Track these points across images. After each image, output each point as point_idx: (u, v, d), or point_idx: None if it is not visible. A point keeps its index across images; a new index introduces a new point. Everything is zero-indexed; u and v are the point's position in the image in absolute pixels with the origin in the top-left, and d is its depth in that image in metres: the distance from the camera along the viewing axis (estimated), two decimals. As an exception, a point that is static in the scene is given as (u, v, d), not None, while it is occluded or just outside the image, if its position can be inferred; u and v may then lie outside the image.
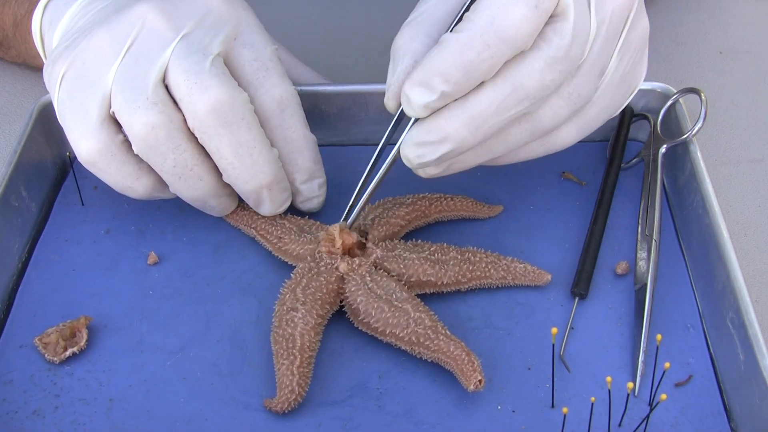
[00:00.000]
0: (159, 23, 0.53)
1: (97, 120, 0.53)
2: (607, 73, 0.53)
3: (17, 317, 0.56)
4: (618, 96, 0.55)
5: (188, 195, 0.56)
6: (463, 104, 0.49)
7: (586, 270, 0.57)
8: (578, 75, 0.51)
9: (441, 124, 0.49)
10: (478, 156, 0.52)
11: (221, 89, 0.52)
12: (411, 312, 0.52)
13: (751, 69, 0.77)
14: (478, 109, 0.49)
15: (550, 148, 0.55)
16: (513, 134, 0.52)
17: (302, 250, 0.57)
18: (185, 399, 0.52)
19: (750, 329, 0.50)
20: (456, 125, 0.49)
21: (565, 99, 0.51)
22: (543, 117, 0.51)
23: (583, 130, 0.55)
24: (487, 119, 0.49)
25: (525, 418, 0.51)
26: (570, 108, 0.52)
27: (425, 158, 0.50)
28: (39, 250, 0.60)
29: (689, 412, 0.51)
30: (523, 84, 0.48)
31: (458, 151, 0.50)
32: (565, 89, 0.51)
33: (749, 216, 0.64)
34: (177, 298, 0.57)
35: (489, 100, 0.48)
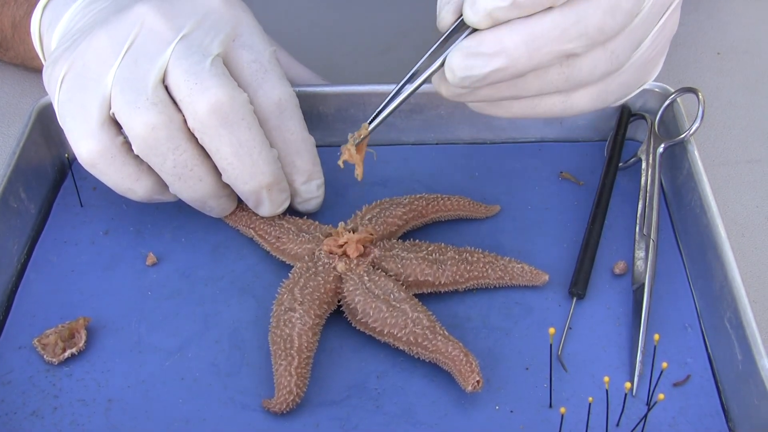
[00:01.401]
0: (158, 24, 0.53)
1: (97, 121, 0.53)
2: (639, 49, 0.52)
3: (16, 318, 0.56)
4: (636, 78, 0.55)
5: (188, 196, 0.56)
6: (528, 21, 0.47)
7: (584, 270, 0.57)
8: (625, 33, 0.50)
9: (501, 36, 0.47)
10: (510, 87, 0.50)
11: (221, 89, 0.52)
12: (409, 312, 0.52)
13: (749, 69, 0.77)
14: (542, 29, 0.47)
15: (567, 108, 0.53)
16: (551, 75, 0.50)
17: (300, 250, 0.57)
18: (184, 399, 0.52)
19: (748, 329, 0.50)
20: (516, 40, 0.47)
21: (606, 54, 0.50)
22: (583, 65, 0.50)
23: (600, 99, 0.54)
24: (547, 43, 0.48)
25: (523, 418, 0.51)
26: (607, 65, 0.51)
27: (473, 71, 0.48)
28: (38, 251, 0.60)
29: (687, 412, 0.51)
30: (587, 18, 0.47)
31: (509, 71, 0.48)
32: (609, 45, 0.50)
33: (747, 216, 0.64)
34: (175, 299, 0.57)
35: (554, 24, 0.47)
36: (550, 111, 0.53)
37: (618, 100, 0.56)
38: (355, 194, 0.62)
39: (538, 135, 0.67)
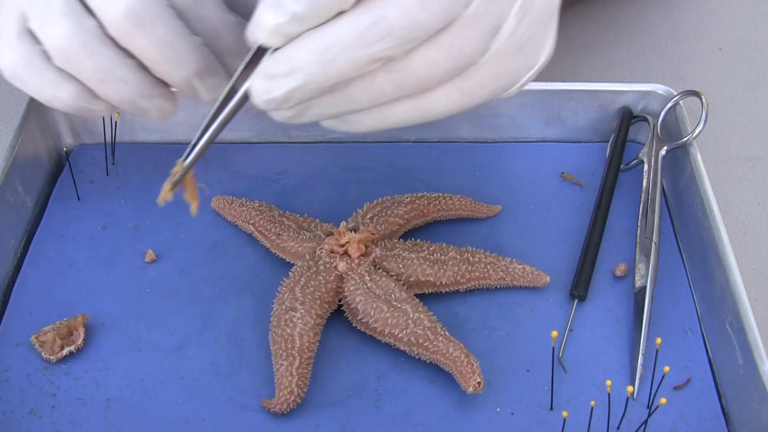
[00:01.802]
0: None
1: (15, 34, 0.51)
2: (500, 35, 0.46)
3: (13, 314, 0.56)
4: (512, 67, 0.48)
5: (116, 98, 0.52)
6: (316, 32, 0.43)
7: (585, 272, 0.57)
8: (459, 24, 0.44)
9: (291, 53, 0.43)
10: (338, 103, 0.46)
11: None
12: (410, 312, 0.52)
13: (751, 66, 0.77)
14: (333, 40, 0.43)
15: (426, 114, 0.48)
16: (378, 82, 0.45)
17: (301, 248, 0.57)
18: (183, 399, 0.52)
19: (749, 333, 0.50)
20: (306, 55, 0.43)
21: (443, 50, 0.44)
22: (414, 66, 0.44)
23: (467, 97, 0.48)
24: (341, 53, 0.43)
25: (524, 420, 0.51)
26: (449, 63, 0.45)
27: (272, 94, 0.44)
28: (35, 245, 0.60)
29: (688, 415, 0.51)
30: (387, 17, 0.43)
31: (309, 88, 0.44)
32: (443, 38, 0.44)
33: (748, 214, 0.64)
34: (174, 297, 0.57)
35: (345, 30, 0.43)
36: (406, 119, 0.48)
37: (497, 92, 0.50)
38: (355, 192, 0.62)
39: (539, 135, 0.67)
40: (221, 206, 0.61)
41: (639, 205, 0.60)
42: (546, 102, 0.65)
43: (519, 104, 0.65)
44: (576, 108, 0.65)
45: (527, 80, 0.50)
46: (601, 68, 0.76)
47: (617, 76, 0.75)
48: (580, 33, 0.80)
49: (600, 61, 0.77)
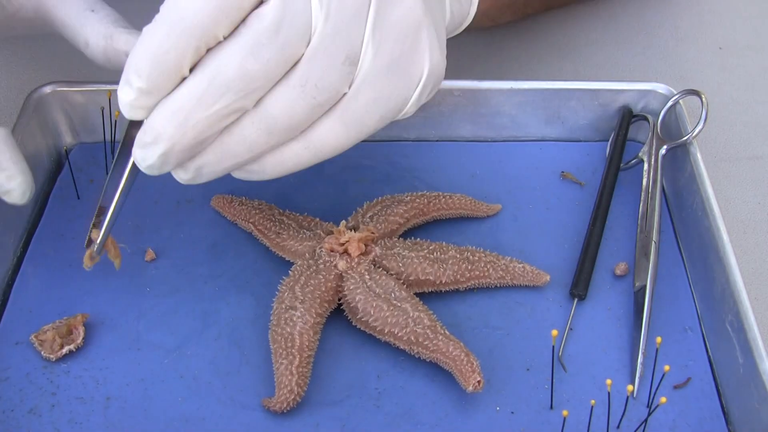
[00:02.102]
0: None
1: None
2: (361, 62, 0.47)
3: (13, 313, 0.56)
4: (390, 88, 0.49)
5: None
6: (166, 100, 0.46)
7: (585, 271, 0.57)
8: (303, 62, 0.46)
9: (152, 123, 0.46)
10: (222, 159, 0.48)
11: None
12: (410, 311, 0.52)
13: (752, 64, 0.77)
14: (178, 104, 0.45)
15: (319, 152, 0.49)
16: (247, 133, 0.47)
17: (301, 247, 0.57)
18: (182, 398, 0.52)
19: (749, 333, 0.50)
20: (162, 121, 0.46)
21: (295, 90, 0.46)
22: (273, 111, 0.47)
23: (352, 129, 0.49)
24: (190, 113, 0.45)
25: (524, 419, 0.51)
26: (307, 102, 0.47)
27: (147, 161, 0.47)
28: (34, 244, 0.60)
29: (687, 415, 0.51)
30: (221, 74, 0.45)
31: (176, 150, 0.47)
32: (291, 79, 0.46)
33: (749, 213, 0.64)
34: (174, 296, 0.57)
35: (187, 93, 0.45)
36: (301, 161, 0.49)
37: (388, 116, 0.50)
38: (355, 191, 0.62)
39: (539, 134, 0.66)
40: (221, 205, 0.61)
41: (639, 204, 0.60)
42: (546, 101, 0.65)
43: (519, 103, 0.65)
44: (576, 107, 0.65)
45: (420, 95, 0.50)
46: (601, 67, 0.76)
47: (617, 75, 0.75)
48: (580, 32, 0.80)
49: (600, 60, 0.77)
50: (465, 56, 0.56)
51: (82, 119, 0.65)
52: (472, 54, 0.75)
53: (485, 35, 0.60)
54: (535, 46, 0.78)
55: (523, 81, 0.65)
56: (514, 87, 0.65)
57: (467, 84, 0.64)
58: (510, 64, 0.76)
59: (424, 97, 0.51)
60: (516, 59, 0.76)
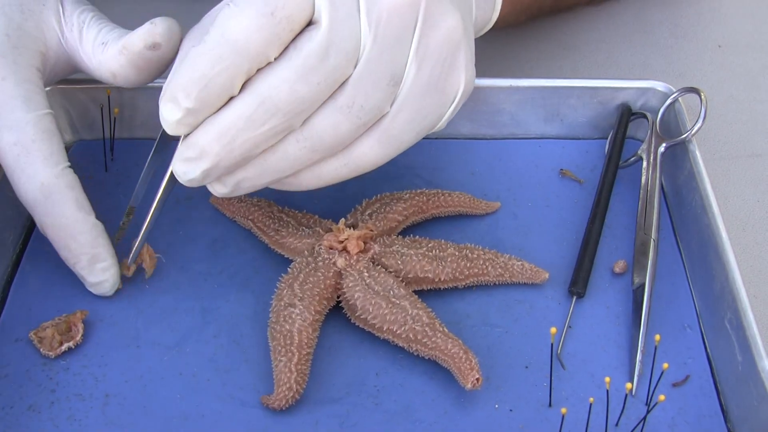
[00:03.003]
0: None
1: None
2: (403, 82, 0.48)
3: (12, 311, 0.56)
4: (428, 108, 0.50)
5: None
6: (213, 119, 0.47)
7: (583, 269, 0.57)
8: (351, 85, 0.47)
9: (197, 139, 0.47)
10: (263, 174, 0.49)
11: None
12: (408, 309, 0.52)
13: (751, 62, 0.77)
14: (227, 124, 0.47)
15: (356, 168, 0.51)
16: (291, 151, 0.48)
17: (300, 244, 0.57)
18: (182, 395, 0.52)
19: (748, 331, 0.50)
20: (208, 140, 0.47)
21: (342, 112, 0.47)
22: (319, 131, 0.48)
23: (391, 145, 0.50)
24: (238, 134, 0.47)
25: (522, 417, 0.51)
26: (352, 122, 0.48)
27: (189, 175, 0.48)
28: (33, 242, 0.59)
29: (686, 412, 0.51)
30: (271, 97, 0.46)
31: (220, 167, 0.48)
32: (339, 99, 0.47)
33: (748, 211, 0.64)
34: (173, 293, 0.57)
35: (237, 113, 0.46)
36: (340, 175, 0.51)
37: (421, 134, 0.51)
38: (354, 188, 0.62)
39: (538, 132, 0.66)
40: (220, 202, 0.61)
41: (638, 202, 0.60)
42: (545, 99, 0.65)
43: (518, 101, 0.65)
44: (575, 105, 0.65)
45: (453, 111, 0.52)
46: (601, 65, 0.76)
47: (616, 73, 0.75)
48: (580, 30, 0.80)
49: (599, 57, 0.77)
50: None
51: (82, 116, 0.65)
52: (472, 51, 0.75)
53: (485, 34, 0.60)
54: (534, 44, 0.78)
55: (523, 79, 0.65)
56: (514, 85, 0.65)
57: (467, 81, 0.64)
58: (509, 62, 0.76)
59: (455, 112, 0.52)
60: (515, 57, 0.76)
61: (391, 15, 0.47)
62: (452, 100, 0.51)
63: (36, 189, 0.53)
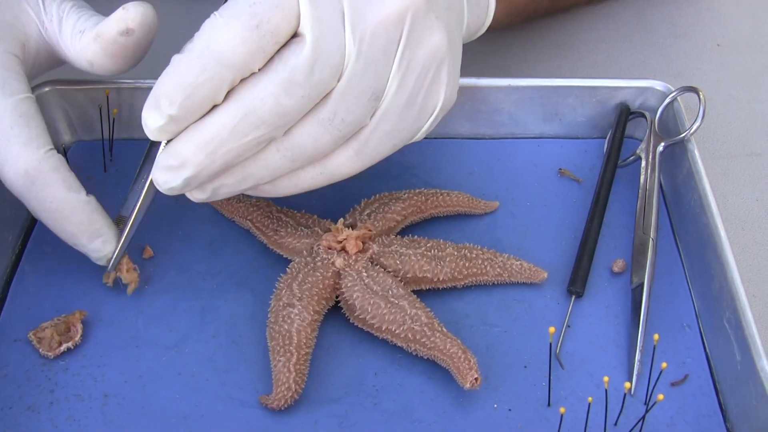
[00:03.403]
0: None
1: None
2: (384, 97, 0.49)
3: (11, 311, 0.56)
4: (406, 121, 0.50)
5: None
6: (196, 127, 0.47)
7: (582, 268, 0.57)
8: (334, 99, 0.47)
9: (179, 148, 0.47)
10: (242, 181, 0.50)
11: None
12: (407, 308, 0.52)
13: (749, 61, 0.77)
14: (211, 134, 0.47)
15: (332, 177, 0.51)
16: (272, 160, 0.49)
17: (299, 244, 0.57)
18: (181, 395, 0.52)
19: (747, 330, 0.50)
20: (191, 149, 0.47)
21: (323, 125, 0.48)
22: (301, 143, 0.48)
23: (367, 157, 0.51)
24: (222, 144, 0.47)
25: (521, 417, 0.51)
26: (332, 134, 0.48)
27: (170, 184, 0.48)
28: (32, 242, 0.60)
29: (685, 412, 0.51)
30: (256, 109, 0.46)
31: (202, 176, 0.48)
32: (320, 113, 0.48)
33: (746, 210, 0.64)
34: (172, 293, 0.57)
35: (221, 124, 0.46)
36: (315, 183, 0.51)
37: (398, 145, 0.52)
38: (353, 188, 0.62)
39: (537, 131, 0.66)
40: (219, 202, 0.61)
41: (637, 202, 0.60)
42: (544, 98, 0.65)
43: (517, 100, 0.65)
44: (574, 104, 0.65)
45: (431, 125, 0.52)
46: (599, 64, 0.76)
47: (615, 72, 0.75)
48: (578, 29, 0.80)
49: (598, 57, 0.77)
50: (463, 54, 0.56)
51: (81, 117, 0.65)
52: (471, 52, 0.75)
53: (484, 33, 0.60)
54: (533, 44, 0.78)
55: (521, 78, 0.65)
56: (512, 84, 0.65)
57: (465, 81, 0.64)
58: (508, 61, 0.76)
59: (433, 126, 0.53)
60: (514, 56, 0.76)
61: (376, 31, 0.47)
62: (431, 114, 0.52)
63: (21, 176, 0.52)
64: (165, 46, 0.53)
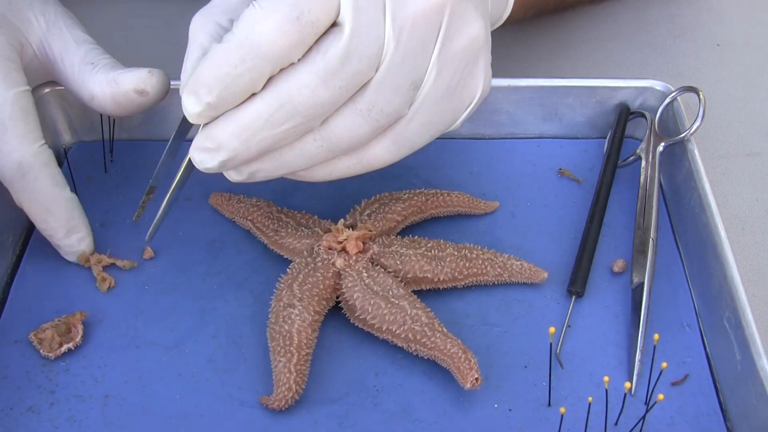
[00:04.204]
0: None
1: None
2: (423, 87, 0.49)
3: (12, 312, 0.56)
4: (444, 112, 0.50)
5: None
6: (233, 114, 0.47)
7: (582, 268, 0.57)
8: (372, 89, 0.47)
9: (216, 132, 0.48)
10: (278, 168, 0.50)
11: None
12: (408, 309, 0.52)
13: (749, 61, 0.77)
14: (247, 121, 0.47)
15: (368, 166, 0.51)
16: (308, 149, 0.49)
17: (299, 245, 0.57)
18: (181, 395, 0.52)
19: (747, 329, 0.50)
20: (227, 135, 0.47)
21: (361, 115, 0.48)
22: (338, 133, 0.48)
23: (403, 147, 0.51)
24: (257, 132, 0.47)
25: (521, 416, 0.51)
26: (370, 125, 0.48)
27: (206, 164, 0.49)
28: (33, 243, 0.60)
29: (685, 411, 0.51)
30: (292, 99, 0.46)
31: (237, 160, 0.48)
32: (358, 104, 0.47)
33: (746, 210, 0.64)
34: (172, 293, 0.57)
35: (257, 112, 0.47)
36: (349, 171, 0.51)
37: (435, 136, 0.52)
38: (353, 188, 0.62)
39: (537, 131, 0.66)
40: (219, 202, 0.61)
41: (636, 201, 0.60)
42: (544, 98, 0.65)
43: (516, 101, 0.65)
44: (573, 104, 0.65)
45: (467, 116, 0.52)
46: (599, 64, 0.76)
47: (615, 72, 0.75)
48: (578, 29, 0.80)
49: (597, 57, 0.77)
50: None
51: (81, 118, 0.65)
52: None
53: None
54: (532, 44, 0.78)
55: (521, 78, 0.65)
56: (512, 84, 0.65)
57: (465, 81, 0.64)
58: (508, 61, 0.76)
59: (470, 116, 0.52)
60: (513, 57, 0.76)
61: (416, 21, 0.46)
62: (468, 104, 0.51)
63: (13, 167, 0.53)
64: (165, 46, 0.53)
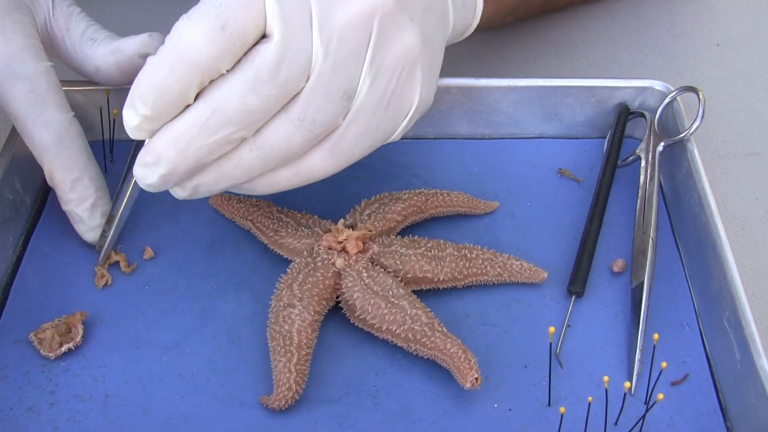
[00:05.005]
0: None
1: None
2: (356, 97, 0.49)
3: (12, 312, 0.56)
4: (380, 121, 0.51)
5: None
6: (169, 126, 0.48)
7: (582, 268, 0.57)
8: (303, 98, 0.48)
9: (154, 146, 0.49)
10: (219, 180, 0.50)
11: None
12: (407, 308, 0.52)
13: (749, 61, 0.77)
14: (181, 131, 0.48)
15: (308, 177, 0.51)
16: (245, 159, 0.49)
17: (299, 245, 0.57)
18: (181, 396, 0.52)
19: (747, 329, 0.50)
20: (164, 146, 0.48)
21: (293, 124, 0.48)
22: (271, 142, 0.49)
23: (342, 157, 0.51)
24: (191, 142, 0.48)
25: (521, 416, 0.51)
26: (303, 135, 0.48)
27: (147, 180, 0.50)
28: (33, 243, 0.60)
29: (685, 411, 0.51)
30: (223, 107, 0.47)
31: (177, 173, 0.49)
32: (290, 113, 0.48)
33: (746, 210, 0.64)
34: (172, 294, 0.57)
35: (191, 122, 0.47)
36: (290, 183, 0.52)
37: (374, 146, 0.52)
38: (353, 188, 0.62)
39: (536, 131, 0.67)
40: (219, 203, 0.61)
41: (636, 201, 0.60)
42: (543, 98, 0.65)
43: (516, 101, 0.65)
44: (573, 104, 0.65)
45: (406, 126, 0.53)
46: (599, 64, 0.76)
47: (614, 72, 0.75)
48: (577, 29, 0.80)
49: (597, 56, 0.77)
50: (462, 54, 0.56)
51: (81, 118, 0.64)
52: (470, 52, 0.75)
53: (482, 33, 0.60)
54: (532, 44, 0.78)
55: (521, 78, 0.65)
56: (512, 84, 0.65)
57: (465, 81, 0.64)
58: (507, 61, 0.76)
59: (409, 126, 0.53)
60: (513, 57, 0.76)
61: (344, 31, 0.47)
62: (405, 115, 0.52)
63: (53, 135, 0.56)
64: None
